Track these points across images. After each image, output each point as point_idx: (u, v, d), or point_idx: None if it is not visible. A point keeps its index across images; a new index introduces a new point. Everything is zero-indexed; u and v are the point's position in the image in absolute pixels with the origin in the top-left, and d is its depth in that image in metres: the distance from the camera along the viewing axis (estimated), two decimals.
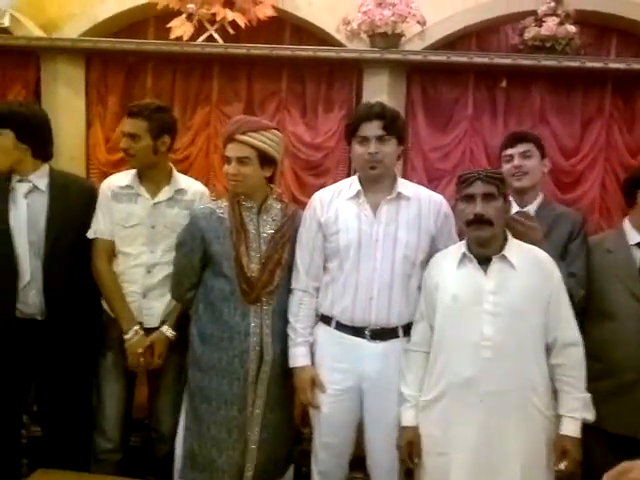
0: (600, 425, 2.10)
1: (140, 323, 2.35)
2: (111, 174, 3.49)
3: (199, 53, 3.40)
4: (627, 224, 2.23)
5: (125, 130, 2.35)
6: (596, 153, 3.51)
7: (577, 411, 1.87)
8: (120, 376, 2.39)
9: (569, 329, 1.91)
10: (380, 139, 2.09)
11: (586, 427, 2.05)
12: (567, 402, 1.88)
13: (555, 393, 1.91)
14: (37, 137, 2.37)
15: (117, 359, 2.37)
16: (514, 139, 2.47)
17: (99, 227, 2.37)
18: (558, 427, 1.88)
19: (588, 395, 1.91)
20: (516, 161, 2.39)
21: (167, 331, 2.34)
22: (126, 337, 2.30)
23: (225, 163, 2.18)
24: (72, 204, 2.39)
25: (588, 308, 2.18)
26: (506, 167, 2.42)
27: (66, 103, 3.61)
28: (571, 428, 1.86)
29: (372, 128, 2.09)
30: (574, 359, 1.90)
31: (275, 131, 2.21)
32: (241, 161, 2.13)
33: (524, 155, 2.41)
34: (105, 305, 2.39)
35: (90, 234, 2.38)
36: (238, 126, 2.16)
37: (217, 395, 2.16)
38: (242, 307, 2.15)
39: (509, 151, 2.44)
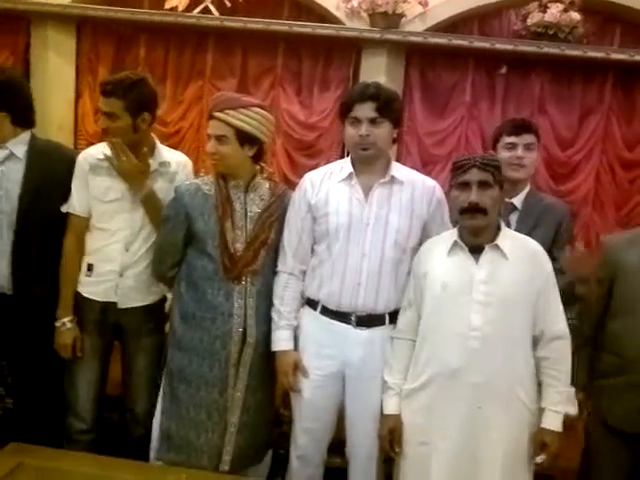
0: (611, 422, 2.09)
1: (110, 303, 2.27)
2: None
3: (194, 25, 3.33)
4: None
5: (102, 109, 2.23)
6: (593, 145, 3.49)
7: (560, 405, 1.85)
8: (94, 357, 2.32)
9: (557, 322, 1.88)
10: (373, 121, 2.02)
11: (594, 422, 2.10)
12: (550, 395, 1.85)
13: (540, 386, 1.89)
14: (15, 103, 2.28)
15: (91, 340, 2.30)
16: (520, 127, 2.36)
17: (72, 202, 2.28)
18: (540, 420, 1.85)
19: (572, 389, 1.90)
20: (520, 152, 2.30)
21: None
22: (56, 325, 2.25)
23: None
24: (50, 174, 2.29)
25: (613, 304, 2.12)
26: (506, 155, 2.32)
27: (56, 71, 3.55)
28: (553, 422, 1.84)
29: (365, 109, 2.03)
30: (560, 353, 1.87)
31: (258, 109, 2.12)
32: (219, 139, 2.07)
33: (528, 147, 2.32)
34: (79, 287, 2.30)
35: (64, 208, 2.29)
36: (216, 103, 2.10)
37: (197, 377, 2.11)
38: (226, 287, 2.10)
39: (512, 139, 2.33)
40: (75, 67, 3.60)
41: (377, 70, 3.35)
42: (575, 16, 3.13)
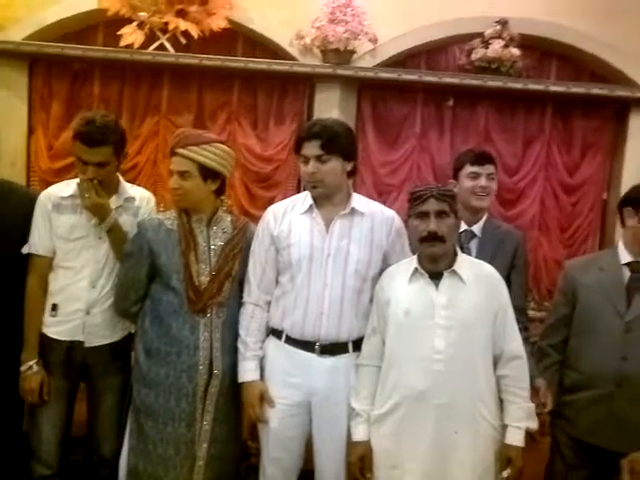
0: (576, 435, 2.21)
1: (76, 342, 2.24)
2: (53, 182, 3.43)
3: (150, 62, 3.36)
4: (620, 244, 2.27)
5: (91, 160, 2.16)
6: (536, 171, 3.68)
7: (522, 421, 1.92)
8: (60, 399, 2.27)
9: (514, 342, 1.96)
10: (319, 158, 2.07)
11: (560, 436, 2.24)
12: (512, 412, 1.93)
13: (502, 403, 1.96)
14: None
15: (57, 382, 2.26)
16: (483, 158, 2.42)
17: (34, 242, 2.25)
18: (504, 436, 1.92)
19: (532, 405, 1.97)
20: (484, 182, 2.37)
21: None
22: (21, 369, 2.21)
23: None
24: (9, 215, 2.27)
25: (574, 322, 2.27)
26: (469, 184, 2.38)
27: (7, 108, 3.51)
28: (515, 437, 1.91)
29: (310, 147, 2.08)
30: (519, 371, 1.96)
31: (219, 144, 2.17)
32: (182, 175, 2.10)
33: (490, 177, 2.39)
34: (43, 328, 2.25)
35: (25, 249, 2.26)
36: (179, 140, 2.13)
37: (164, 412, 2.10)
38: (191, 320, 2.11)
39: (476, 169, 2.38)
40: (28, 103, 3.57)
41: (330, 104, 3.45)
42: (515, 51, 3.33)
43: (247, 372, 2.14)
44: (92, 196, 2.19)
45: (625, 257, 2.22)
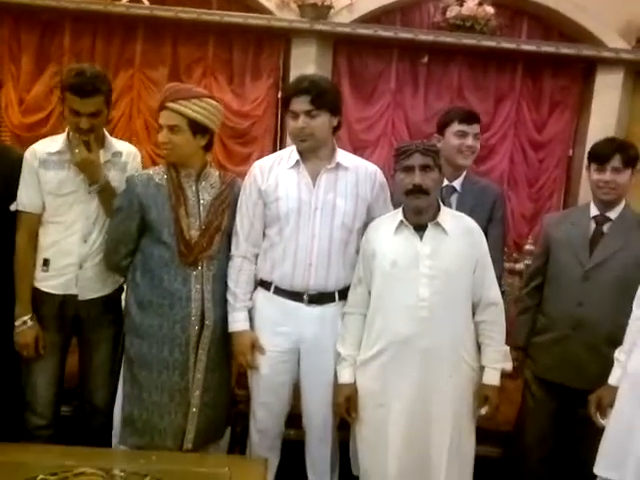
0: (539, 374, 2.40)
1: (69, 296, 2.28)
2: (26, 137, 3.39)
3: (123, 13, 3.29)
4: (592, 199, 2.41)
5: (86, 111, 2.16)
6: (507, 129, 3.78)
7: (498, 362, 2.08)
8: (53, 353, 2.32)
9: (492, 289, 2.10)
10: (308, 113, 2.12)
11: (529, 375, 2.43)
12: (489, 354, 2.08)
13: (479, 347, 2.11)
14: None
15: (50, 335, 2.30)
16: (471, 117, 2.48)
17: (21, 199, 2.26)
18: (481, 377, 2.08)
19: (507, 348, 2.13)
20: (471, 141, 2.44)
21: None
22: (16, 324, 2.25)
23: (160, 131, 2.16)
24: None
25: (547, 273, 2.43)
26: (456, 142, 2.44)
27: None
28: (492, 377, 2.06)
29: (300, 103, 2.13)
30: (495, 316, 2.10)
31: (209, 99, 2.19)
32: (171, 129, 2.12)
33: (476, 136, 2.47)
34: (35, 283, 2.28)
35: (12, 207, 2.26)
36: (169, 94, 2.14)
37: (158, 361, 2.17)
38: (183, 273, 2.17)
39: (464, 127, 2.44)
40: None
41: (306, 59, 3.46)
42: (489, 10, 3.38)
43: (237, 322, 2.22)
44: (82, 151, 2.19)
45: (593, 211, 2.36)
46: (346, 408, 2.13)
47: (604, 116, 3.63)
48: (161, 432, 2.19)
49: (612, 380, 1.97)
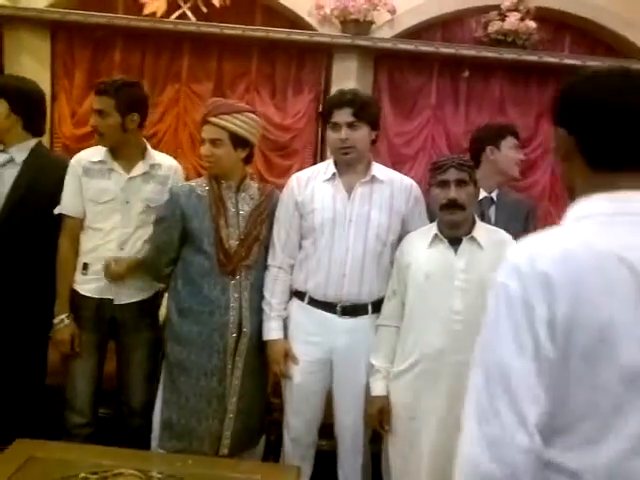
0: None
1: (105, 300, 2.37)
2: (76, 148, 3.53)
3: (171, 30, 3.41)
4: None
5: (94, 107, 2.34)
6: (548, 143, 3.73)
7: None
8: (91, 352, 2.41)
9: None
10: (350, 125, 2.17)
11: None
12: None
13: None
14: (29, 110, 2.42)
15: (88, 336, 2.39)
16: (509, 132, 2.57)
17: (65, 204, 2.37)
18: None
19: None
20: (522, 155, 2.58)
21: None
22: (54, 322, 2.35)
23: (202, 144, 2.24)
24: (40, 180, 2.40)
25: None
26: (513, 155, 2.53)
27: (30, 74, 3.50)
28: None
29: (343, 115, 2.18)
30: None
31: (250, 114, 2.27)
32: (214, 142, 2.20)
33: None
34: (75, 285, 2.39)
35: (56, 210, 2.38)
36: (212, 108, 2.22)
37: (197, 367, 2.23)
38: (222, 282, 2.23)
39: (517, 142, 2.56)
40: (50, 71, 3.63)
41: (347, 74, 3.51)
42: (531, 24, 3.37)
43: (272, 331, 2.27)
44: (113, 271, 2.32)
45: None
46: (379, 420, 2.14)
47: None
48: (198, 437, 2.25)
49: None
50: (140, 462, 2.05)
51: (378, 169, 2.29)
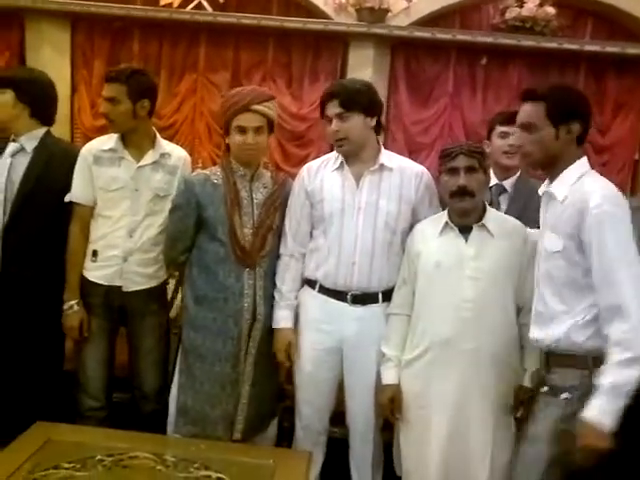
0: None
1: (114, 287, 2.40)
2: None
3: (188, 20, 3.44)
4: None
5: (105, 95, 2.36)
6: None
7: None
8: (102, 338, 2.46)
9: None
10: (340, 117, 2.17)
11: None
12: (531, 357, 2.03)
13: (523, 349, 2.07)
14: (35, 98, 2.46)
15: (98, 321, 2.44)
16: (511, 118, 2.39)
17: (75, 192, 2.41)
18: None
19: None
20: (512, 140, 2.44)
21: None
22: (64, 307, 2.40)
23: (235, 134, 2.22)
24: (51, 168, 2.44)
25: None
26: (500, 142, 2.48)
27: (51, 66, 3.59)
28: (529, 380, 2.02)
29: (331, 107, 2.19)
30: None
31: (274, 100, 2.34)
32: (257, 130, 2.22)
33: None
34: (84, 272, 2.43)
35: (67, 197, 2.42)
36: (253, 96, 2.23)
37: (211, 353, 2.26)
38: (236, 270, 2.25)
39: (506, 128, 2.46)
40: (70, 61, 3.68)
41: (364, 62, 3.50)
42: (550, 10, 3.31)
43: (280, 319, 2.30)
44: None
45: None
46: (390, 409, 2.15)
47: None
48: (212, 422, 2.28)
49: None
50: (154, 446, 2.10)
51: (387, 157, 2.27)
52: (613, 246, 1.67)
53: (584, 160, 1.85)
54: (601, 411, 1.62)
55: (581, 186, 1.78)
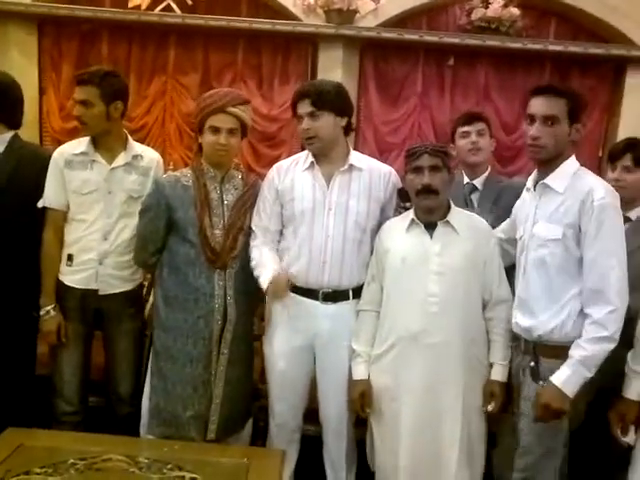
0: None
1: (90, 290, 2.39)
2: (65, 142, 3.55)
3: (156, 22, 3.43)
4: None
5: (77, 98, 2.34)
6: None
7: (505, 359, 2.10)
8: (77, 342, 2.44)
9: (502, 288, 2.12)
10: (311, 115, 2.20)
11: None
12: (497, 351, 2.10)
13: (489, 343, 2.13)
14: (1, 102, 2.41)
15: (74, 326, 2.42)
16: (472, 117, 2.63)
17: (48, 196, 2.39)
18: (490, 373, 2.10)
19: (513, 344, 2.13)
20: (473, 138, 2.56)
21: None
22: (40, 313, 2.38)
23: (209, 133, 2.22)
24: (20, 172, 2.41)
25: None
26: (462, 142, 2.59)
27: (18, 68, 3.57)
28: (499, 374, 2.08)
29: (302, 106, 2.22)
30: (504, 314, 2.11)
31: (249, 104, 2.35)
32: (231, 132, 2.23)
33: (479, 133, 2.58)
34: (60, 276, 2.41)
35: (40, 203, 2.40)
36: (229, 99, 2.24)
37: (182, 354, 2.26)
38: (207, 271, 2.26)
39: (466, 128, 2.58)
40: (37, 64, 3.65)
41: (333, 63, 3.53)
42: (514, 11, 3.39)
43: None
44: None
45: None
46: (361, 404, 2.18)
47: (634, 116, 3.58)
48: (185, 423, 2.27)
49: (632, 394, 1.94)
50: (128, 448, 2.08)
51: (356, 157, 2.31)
52: (609, 235, 1.84)
53: (574, 157, 2.01)
54: (567, 379, 1.83)
55: (579, 179, 1.93)
